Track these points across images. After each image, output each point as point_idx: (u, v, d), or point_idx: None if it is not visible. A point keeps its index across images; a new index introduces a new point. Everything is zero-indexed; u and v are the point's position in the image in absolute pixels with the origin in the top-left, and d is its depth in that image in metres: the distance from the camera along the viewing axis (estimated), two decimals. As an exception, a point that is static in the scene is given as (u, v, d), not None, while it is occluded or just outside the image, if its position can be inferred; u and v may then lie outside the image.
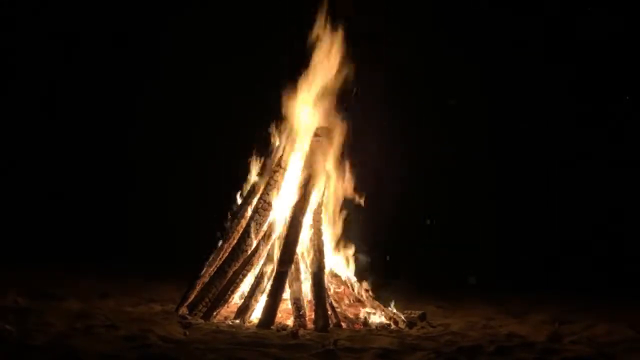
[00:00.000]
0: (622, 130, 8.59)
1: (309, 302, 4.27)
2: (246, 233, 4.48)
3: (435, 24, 7.85)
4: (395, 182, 7.34)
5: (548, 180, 8.77)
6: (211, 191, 6.31)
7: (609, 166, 8.55)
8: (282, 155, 4.66)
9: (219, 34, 8.28)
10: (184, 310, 4.34)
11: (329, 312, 4.21)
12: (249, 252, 4.45)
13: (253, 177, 4.74)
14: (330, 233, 4.77)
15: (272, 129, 4.76)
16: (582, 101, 8.60)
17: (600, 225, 8.33)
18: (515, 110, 8.75)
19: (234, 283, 4.38)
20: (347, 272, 4.77)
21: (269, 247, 4.46)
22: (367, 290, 4.69)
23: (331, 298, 4.41)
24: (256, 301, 4.28)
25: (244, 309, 4.25)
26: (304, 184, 4.47)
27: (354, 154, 4.87)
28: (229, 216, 4.65)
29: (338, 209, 4.86)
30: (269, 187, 4.56)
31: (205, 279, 4.45)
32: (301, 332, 3.86)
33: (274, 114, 4.78)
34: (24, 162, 8.78)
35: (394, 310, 4.64)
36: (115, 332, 3.44)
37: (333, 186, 4.78)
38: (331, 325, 4.13)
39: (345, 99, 4.70)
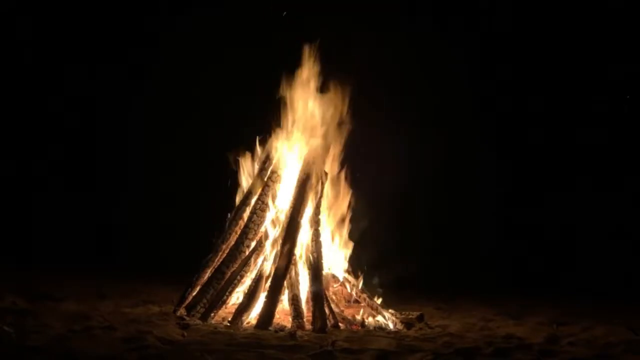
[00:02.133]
0: (623, 131, 8.61)
1: (307, 303, 4.27)
2: (244, 234, 4.48)
3: (434, 26, 7.87)
4: (394, 182, 7.34)
5: (547, 181, 8.78)
6: (210, 192, 6.31)
7: (608, 168, 8.57)
8: (280, 156, 4.67)
9: (218, 32, 8.29)
10: (182, 311, 4.34)
11: (327, 313, 4.21)
12: (247, 253, 4.46)
13: (251, 178, 4.73)
14: (328, 234, 4.77)
15: (271, 130, 4.77)
16: (583, 102, 8.62)
17: (600, 226, 8.34)
18: (513, 110, 8.76)
19: (232, 284, 4.38)
20: (345, 273, 4.77)
21: (266, 248, 4.46)
22: (365, 292, 4.69)
23: (329, 299, 4.41)
24: (254, 302, 4.28)
25: (242, 310, 4.25)
26: (301, 185, 4.48)
27: (352, 154, 4.88)
28: (227, 217, 4.65)
29: (336, 210, 4.86)
30: (267, 188, 4.56)
31: (204, 280, 4.45)
32: (299, 333, 3.85)
33: (273, 114, 4.79)
34: (23, 162, 8.78)
35: (392, 311, 4.64)
36: (113, 333, 3.44)
37: (331, 187, 4.79)
38: (329, 326, 4.13)
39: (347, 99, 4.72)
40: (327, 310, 4.21)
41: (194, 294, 4.41)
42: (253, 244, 4.46)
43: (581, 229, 8.35)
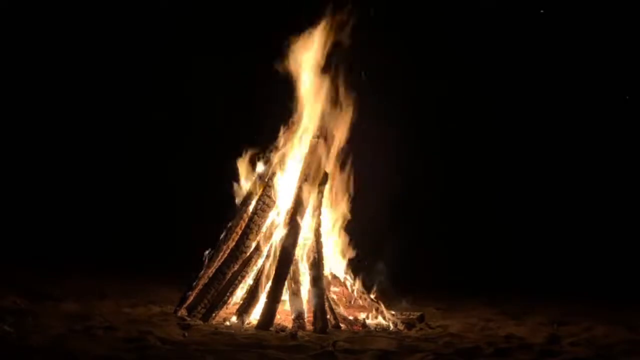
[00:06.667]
0: (622, 130, 8.60)
1: (308, 303, 4.27)
2: (245, 234, 4.47)
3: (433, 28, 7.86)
4: (394, 181, 7.34)
5: (547, 180, 8.77)
6: (210, 192, 6.30)
7: (608, 166, 8.57)
8: (281, 156, 4.66)
9: (221, 32, 8.28)
10: (182, 311, 4.34)
11: (328, 314, 4.21)
12: (248, 253, 4.45)
13: (252, 178, 4.73)
14: (329, 233, 4.77)
15: (272, 130, 4.77)
16: (579, 99, 8.62)
17: (600, 225, 8.34)
18: (511, 108, 8.75)
19: (233, 284, 4.38)
20: (346, 273, 4.77)
21: (267, 248, 4.45)
22: (365, 292, 4.69)
23: (330, 299, 4.41)
24: (255, 302, 4.28)
25: (243, 310, 4.25)
26: (302, 185, 4.47)
27: (353, 154, 4.87)
28: (229, 217, 4.65)
29: (337, 210, 4.86)
30: (268, 188, 4.56)
31: (204, 280, 4.45)
32: (300, 333, 3.85)
33: (274, 115, 4.79)
34: (23, 161, 8.77)
35: (393, 312, 4.64)
36: (113, 333, 3.44)
37: (332, 187, 4.78)
38: (330, 327, 4.13)
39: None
40: (328, 311, 4.21)
41: (195, 294, 4.40)
42: (254, 244, 4.46)
43: (580, 227, 8.35)
